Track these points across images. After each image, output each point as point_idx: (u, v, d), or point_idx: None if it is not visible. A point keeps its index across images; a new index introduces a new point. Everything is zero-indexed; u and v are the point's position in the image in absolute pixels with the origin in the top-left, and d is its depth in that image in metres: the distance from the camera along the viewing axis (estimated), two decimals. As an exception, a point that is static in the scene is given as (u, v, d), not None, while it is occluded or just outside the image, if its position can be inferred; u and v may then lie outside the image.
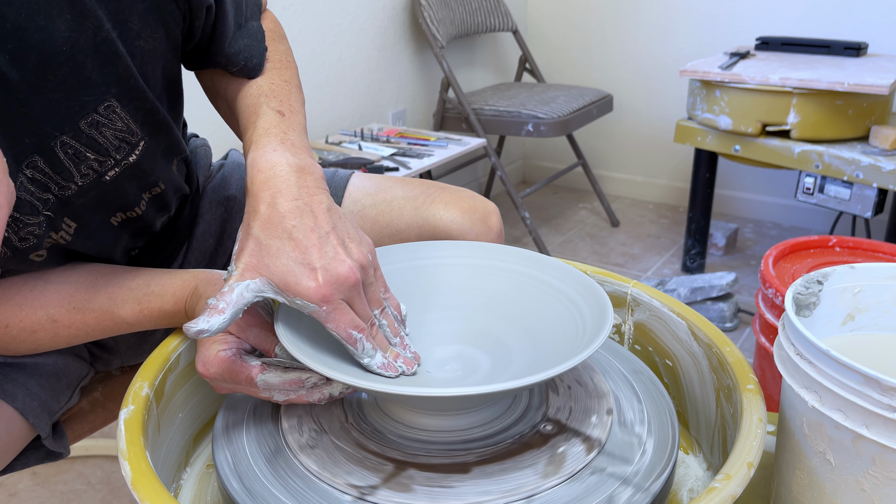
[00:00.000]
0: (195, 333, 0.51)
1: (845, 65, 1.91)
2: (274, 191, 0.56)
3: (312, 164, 0.60)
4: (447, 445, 0.56)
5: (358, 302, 0.55)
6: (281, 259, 0.53)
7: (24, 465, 0.73)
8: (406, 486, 0.52)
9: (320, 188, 0.58)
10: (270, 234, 0.54)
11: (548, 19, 2.85)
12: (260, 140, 0.61)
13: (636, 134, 2.80)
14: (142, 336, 0.87)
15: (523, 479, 0.52)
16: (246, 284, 0.53)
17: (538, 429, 0.58)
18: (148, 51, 0.62)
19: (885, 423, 0.46)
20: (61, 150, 0.60)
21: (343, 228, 0.56)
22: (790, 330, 0.53)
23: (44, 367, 0.74)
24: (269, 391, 0.58)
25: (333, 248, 0.54)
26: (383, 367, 0.57)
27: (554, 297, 0.65)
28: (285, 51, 0.76)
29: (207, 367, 0.58)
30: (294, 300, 0.53)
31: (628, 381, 0.65)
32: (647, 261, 2.35)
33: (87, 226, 0.67)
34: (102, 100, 0.60)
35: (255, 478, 0.54)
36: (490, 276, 0.69)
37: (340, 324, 0.54)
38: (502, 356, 0.63)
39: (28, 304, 0.66)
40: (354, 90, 2.19)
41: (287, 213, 0.55)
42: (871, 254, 1.29)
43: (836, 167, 1.76)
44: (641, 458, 0.55)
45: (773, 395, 1.21)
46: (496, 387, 0.49)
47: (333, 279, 0.53)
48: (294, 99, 0.69)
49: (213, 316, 0.52)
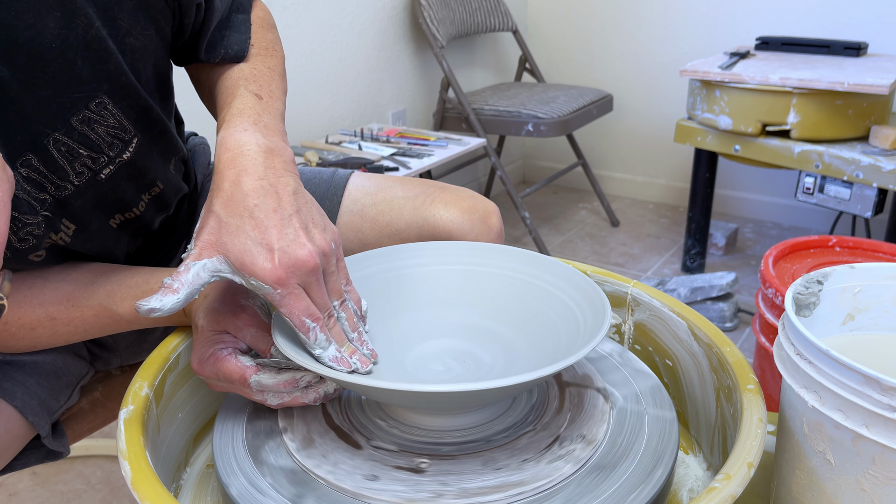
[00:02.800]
0: (146, 312, 0.51)
1: (845, 65, 1.91)
2: (240, 169, 0.55)
3: (283, 147, 0.59)
4: (452, 445, 0.56)
5: (316, 289, 0.54)
6: (239, 237, 0.52)
7: (24, 464, 0.73)
8: (418, 469, 0.52)
9: (288, 171, 0.57)
10: (231, 211, 0.53)
11: (548, 19, 2.85)
12: (233, 119, 0.60)
13: (636, 134, 2.80)
14: (141, 335, 0.87)
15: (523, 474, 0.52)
16: (203, 264, 0.52)
17: (537, 430, 0.58)
18: (139, 48, 0.62)
19: (885, 423, 0.46)
20: (54, 148, 0.60)
21: (308, 213, 0.55)
22: (790, 330, 0.53)
23: (43, 366, 0.74)
24: (262, 393, 0.57)
25: (295, 230, 0.53)
26: (335, 361, 0.55)
27: (552, 297, 0.65)
28: (273, 39, 0.75)
29: (203, 366, 0.58)
30: (249, 280, 0.52)
31: (628, 380, 0.65)
32: (647, 261, 2.35)
33: (86, 228, 0.67)
34: (94, 97, 0.60)
35: (255, 477, 0.54)
36: (489, 278, 0.70)
37: (294, 310, 0.53)
38: (502, 356, 0.63)
39: (27, 301, 0.66)
40: (354, 90, 2.19)
41: (250, 191, 0.54)
42: (871, 254, 1.29)
43: (836, 167, 1.76)
44: (641, 457, 0.55)
45: (773, 395, 1.21)
46: (495, 383, 0.49)
47: (291, 262, 0.52)
48: (275, 86, 0.68)
49: (166, 295, 0.51)
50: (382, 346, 0.63)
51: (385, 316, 0.66)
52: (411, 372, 0.62)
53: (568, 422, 0.59)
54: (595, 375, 0.64)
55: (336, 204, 0.86)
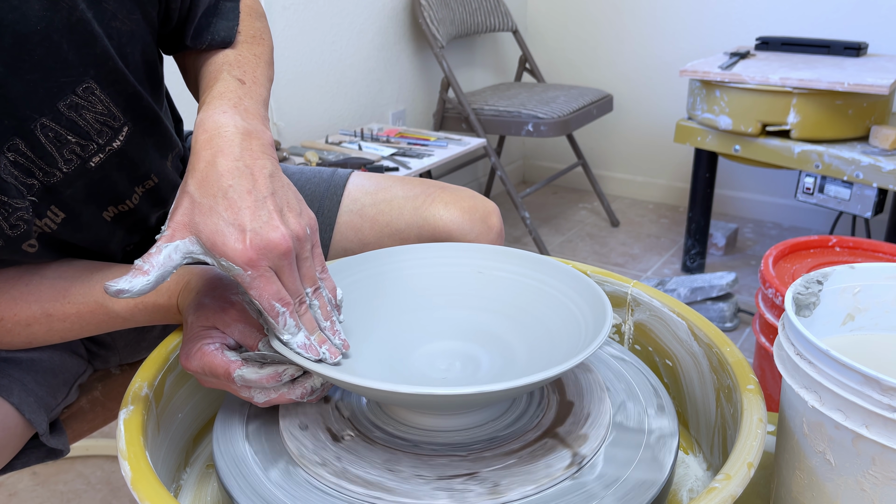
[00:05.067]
0: (115, 293, 0.50)
1: (845, 65, 1.91)
2: (215, 150, 0.54)
3: (262, 131, 0.58)
4: (444, 446, 0.56)
5: (287, 274, 0.53)
6: (212, 218, 0.52)
7: (24, 463, 0.73)
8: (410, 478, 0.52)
9: (266, 154, 0.56)
10: (205, 192, 0.53)
11: (548, 19, 2.85)
12: (212, 102, 0.60)
13: (636, 134, 2.80)
14: (139, 333, 0.87)
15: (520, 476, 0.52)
16: (175, 245, 0.52)
17: (535, 431, 0.58)
18: (125, 32, 0.62)
19: (885, 423, 0.46)
20: (42, 134, 0.60)
21: (284, 196, 0.55)
22: (790, 330, 0.53)
23: (40, 364, 0.73)
24: (249, 389, 0.57)
25: (269, 212, 0.52)
26: (303, 348, 0.54)
27: (554, 298, 0.65)
28: (261, 28, 0.75)
29: (190, 361, 0.57)
30: (220, 260, 0.52)
31: (627, 381, 0.65)
32: (647, 261, 2.35)
33: (77, 218, 0.67)
34: (81, 81, 0.60)
35: (254, 477, 0.54)
36: (489, 279, 0.70)
37: (264, 293, 0.52)
38: (501, 357, 0.63)
39: (23, 298, 0.66)
40: (354, 90, 2.19)
41: (225, 172, 0.53)
42: (871, 254, 1.29)
43: (836, 167, 1.76)
44: (640, 461, 0.55)
45: (773, 395, 1.21)
46: (490, 387, 0.48)
47: (263, 244, 0.51)
48: (260, 72, 0.68)
49: (136, 277, 0.51)
50: (382, 346, 0.63)
51: (385, 316, 0.66)
52: (410, 372, 0.62)
53: (561, 422, 0.59)
54: (596, 376, 0.64)
55: (336, 203, 0.86)
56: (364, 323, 0.64)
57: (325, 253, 0.87)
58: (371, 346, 0.63)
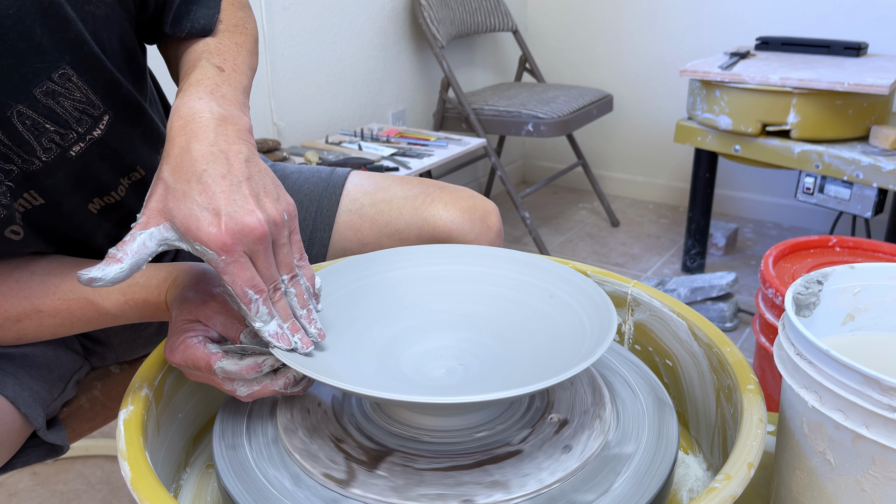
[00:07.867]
0: (87, 281, 0.50)
1: (845, 65, 1.91)
2: (190, 135, 0.54)
3: (239, 116, 0.57)
4: (442, 446, 0.56)
5: (262, 260, 0.53)
6: (186, 203, 0.51)
7: (24, 462, 0.73)
8: (405, 471, 0.52)
9: (242, 139, 0.55)
10: (179, 177, 0.52)
11: (548, 19, 2.85)
12: (189, 89, 0.59)
13: (636, 134, 2.80)
14: (135, 330, 0.87)
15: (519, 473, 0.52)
16: (150, 233, 0.51)
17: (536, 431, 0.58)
18: (100, 17, 0.62)
19: (885, 423, 0.46)
20: (19, 121, 0.59)
21: (260, 181, 0.54)
22: (790, 330, 0.53)
23: (33, 358, 0.73)
24: (230, 381, 0.56)
25: (244, 197, 0.52)
26: (275, 337, 0.54)
27: (560, 300, 0.65)
28: (244, 17, 0.74)
29: (173, 354, 0.57)
30: (194, 245, 0.51)
31: (627, 382, 0.65)
32: (647, 261, 2.35)
33: (57, 206, 0.66)
34: (56, 67, 0.59)
35: (254, 477, 0.54)
36: (489, 280, 0.70)
37: (237, 279, 0.51)
38: (500, 357, 0.63)
39: (13, 294, 0.66)
40: (354, 90, 2.19)
41: (199, 157, 0.52)
42: (871, 254, 1.29)
43: (836, 167, 1.76)
44: (641, 456, 0.55)
45: (773, 395, 1.21)
46: (482, 397, 0.48)
47: (238, 228, 0.50)
48: (241, 61, 0.67)
49: (109, 265, 0.50)
50: (382, 346, 0.63)
51: (385, 316, 0.66)
52: (409, 374, 0.62)
53: (563, 420, 0.59)
54: (596, 375, 0.64)
55: (335, 203, 0.86)
56: (359, 322, 0.64)
57: (324, 253, 0.87)
58: (365, 342, 0.63)
